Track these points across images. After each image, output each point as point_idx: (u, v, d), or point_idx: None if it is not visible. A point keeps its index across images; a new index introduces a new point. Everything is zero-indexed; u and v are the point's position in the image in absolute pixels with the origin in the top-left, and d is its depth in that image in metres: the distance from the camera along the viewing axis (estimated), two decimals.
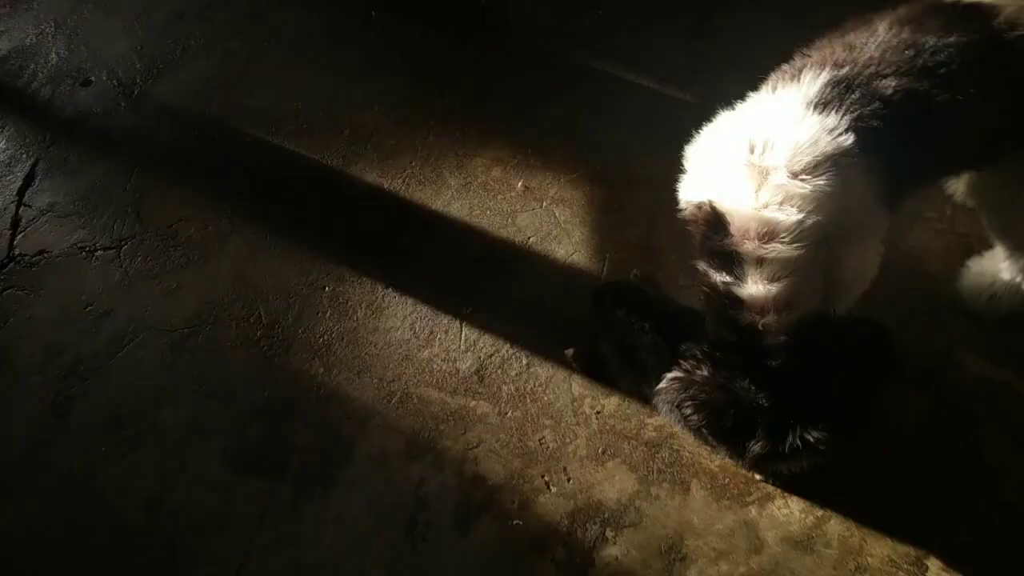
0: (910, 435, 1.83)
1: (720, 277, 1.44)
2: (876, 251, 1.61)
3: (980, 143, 1.60)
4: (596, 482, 1.79)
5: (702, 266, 1.49)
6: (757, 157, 1.44)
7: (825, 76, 1.47)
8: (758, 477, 1.77)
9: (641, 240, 2.09)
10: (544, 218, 2.16)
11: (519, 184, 2.22)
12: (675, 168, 2.20)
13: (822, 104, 1.45)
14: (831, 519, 1.73)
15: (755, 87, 2.23)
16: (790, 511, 1.75)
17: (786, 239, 1.39)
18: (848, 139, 1.42)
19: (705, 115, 2.30)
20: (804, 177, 1.40)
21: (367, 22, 2.57)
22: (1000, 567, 1.67)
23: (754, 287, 1.40)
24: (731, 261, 1.43)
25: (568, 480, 1.80)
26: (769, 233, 1.39)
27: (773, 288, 1.39)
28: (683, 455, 1.82)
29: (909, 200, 1.67)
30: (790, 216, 1.38)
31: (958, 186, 2.05)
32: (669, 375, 1.51)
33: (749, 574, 1.68)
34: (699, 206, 1.51)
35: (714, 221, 1.45)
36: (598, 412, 1.88)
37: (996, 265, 1.91)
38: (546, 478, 1.80)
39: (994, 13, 1.51)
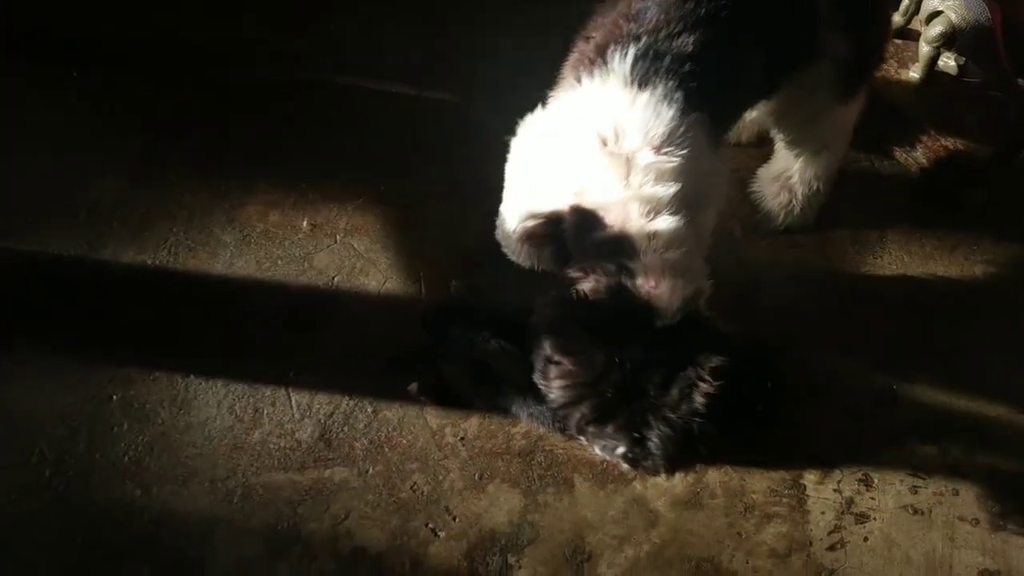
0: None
1: (609, 265, 1.39)
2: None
3: (766, 73, 1.68)
4: (483, 511, 1.68)
5: (577, 270, 1.45)
6: (614, 146, 1.41)
7: (631, 52, 1.45)
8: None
9: (448, 250, 1.99)
10: (343, 253, 1.98)
11: (304, 223, 2.02)
12: (457, 171, 2.15)
13: (642, 79, 1.44)
14: (708, 470, 1.76)
15: (514, 73, 2.23)
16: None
17: (671, 211, 1.38)
18: (681, 99, 1.43)
19: (467, 108, 2.28)
20: (667, 150, 1.40)
21: (69, 83, 2.20)
22: (857, 460, 1.80)
23: (649, 258, 1.37)
24: (619, 247, 1.39)
25: (454, 519, 1.67)
26: (653, 209, 1.38)
27: (670, 257, 1.37)
28: (557, 454, 1.76)
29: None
30: (669, 189, 1.38)
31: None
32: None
33: (653, 550, 1.67)
34: (551, 218, 1.47)
35: (584, 221, 1.41)
36: (462, 438, 1.77)
37: (781, 164, 2.06)
38: (430, 525, 1.66)
39: None
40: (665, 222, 1.38)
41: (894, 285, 2.09)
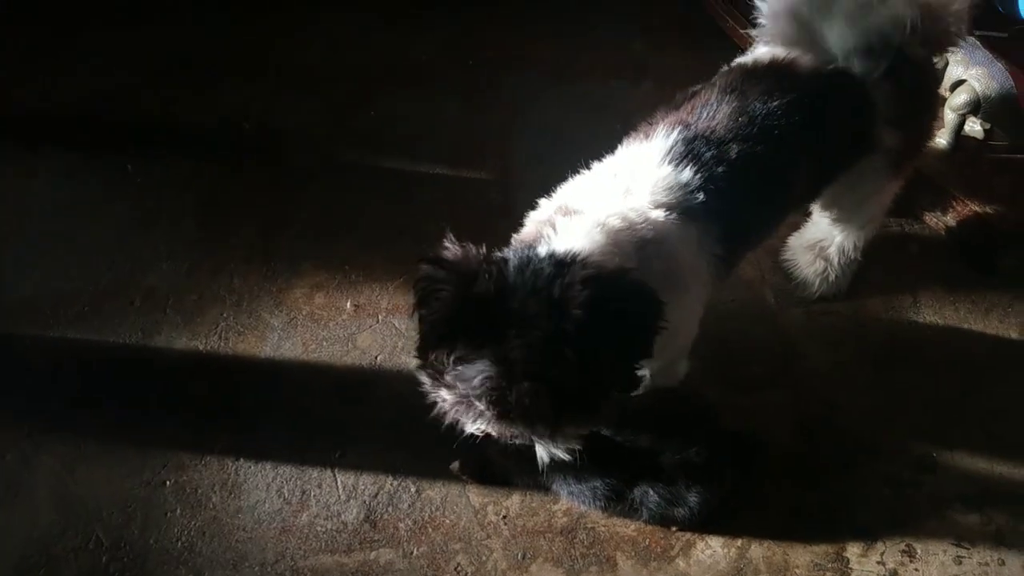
0: (787, 439, 1.92)
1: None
2: (694, 312, 1.67)
3: (812, 184, 1.75)
4: None
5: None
6: (622, 179, 1.50)
7: (677, 133, 1.54)
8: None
9: None
10: (385, 332, 2.05)
11: (348, 305, 2.09)
12: (497, 245, 2.20)
13: (678, 157, 1.52)
14: (751, 545, 1.77)
15: (551, 150, 2.33)
16: (713, 550, 1.76)
17: (626, 229, 1.42)
18: (699, 197, 1.49)
19: (507, 184, 2.36)
20: (661, 210, 1.46)
21: (125, 176, 2.32)
22: (900, 531, 1.79)
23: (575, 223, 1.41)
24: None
25: None
26: (616, 215, 1.43)
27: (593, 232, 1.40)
28: (599, 531, 1.78)
29: (742, 257, 1.77)
30: (639, 224, 1.43)
31: None
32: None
33: None
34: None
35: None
36: (504, 517, 1.80)
37: (817, 233, 2.09)
38: None
39: (798, 67, 1.67)
40: (615, 220, 1.42)
41: (929, 349, 2.09)
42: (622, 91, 2.59)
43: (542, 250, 1.37)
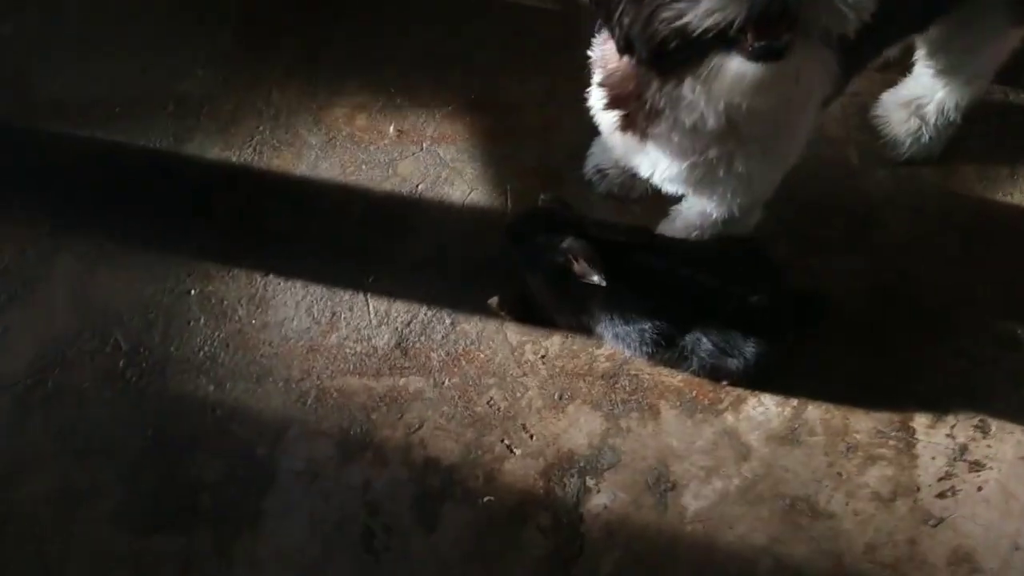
0: (857, 306, 1.75)
1: None
2: (805, 111, 1.43)
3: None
4: (561, 431, 1.60)
5: None
6: None
7: None
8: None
9: (538, 164, 1.88)
10: (428, 161, 1.90)
11: (391, 129, 1.94)
12: (554, 82, 2.03)
13: None
14: (808, 406, 1.63)
15: None
16: (766, 408, 1.63)
17: None
18: None
19: (571, 21, 2.15)
20: None
21: None
22: (974, 406, 1.64)
23: None
24: None
25: (531, 437, 1.59)
26: None
27: None
28: (643, 379, 1.66)
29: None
30: None
31: None
32: None
33: (744, 484, 1.56)
34: None
35: None
36: (543, 357, 1.68)
37: (916, 89, 1.87)
38: (506, 441, 1.59)
39: None
40: None
41: (1022, 226, 1.89)
42: None
43: None
